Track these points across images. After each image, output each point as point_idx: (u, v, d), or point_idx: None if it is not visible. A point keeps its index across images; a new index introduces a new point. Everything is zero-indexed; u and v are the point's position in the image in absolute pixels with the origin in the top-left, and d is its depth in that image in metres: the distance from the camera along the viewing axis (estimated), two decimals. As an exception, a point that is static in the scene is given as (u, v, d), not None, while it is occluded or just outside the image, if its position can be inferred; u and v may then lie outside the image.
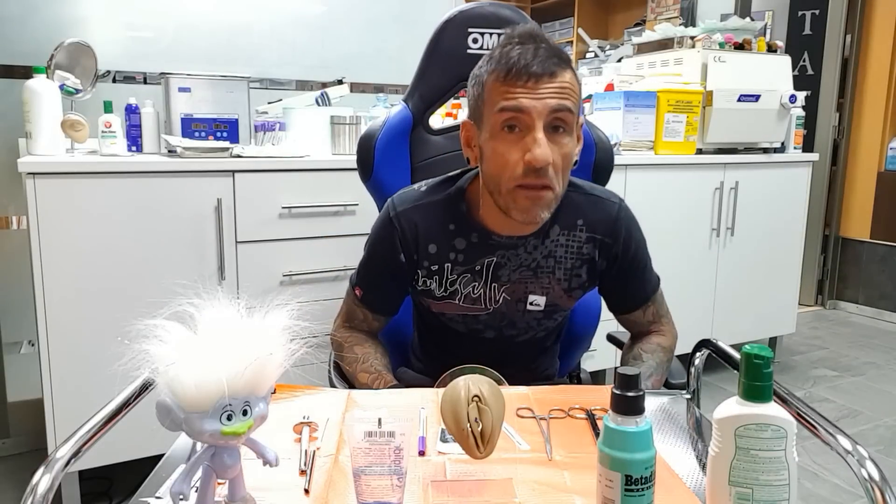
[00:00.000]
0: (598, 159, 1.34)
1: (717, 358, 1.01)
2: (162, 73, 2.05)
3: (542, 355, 1.25)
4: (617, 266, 1.15)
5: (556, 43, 1.01)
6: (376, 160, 1.34)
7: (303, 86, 2.62)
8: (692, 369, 1.06)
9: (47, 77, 1.84)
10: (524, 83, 0.95)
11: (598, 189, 1.15)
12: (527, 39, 0.98)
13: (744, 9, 3.95)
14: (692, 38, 2.79)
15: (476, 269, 1.10)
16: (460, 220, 1.10)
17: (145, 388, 0.79)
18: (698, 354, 1.05)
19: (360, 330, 1.20)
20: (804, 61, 4.07)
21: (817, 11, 4.01)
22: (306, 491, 0.73)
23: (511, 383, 1.05)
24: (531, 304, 1.13)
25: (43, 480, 0.65)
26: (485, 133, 1.01)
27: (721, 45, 2.74)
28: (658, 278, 1.22)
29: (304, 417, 0.89)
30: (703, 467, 0.81)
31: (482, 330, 1.16)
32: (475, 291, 1.11)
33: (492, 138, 0.99)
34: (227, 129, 2.06)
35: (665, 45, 2.87)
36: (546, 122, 0.96)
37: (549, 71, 0.95)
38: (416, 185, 1.16)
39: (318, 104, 2.33)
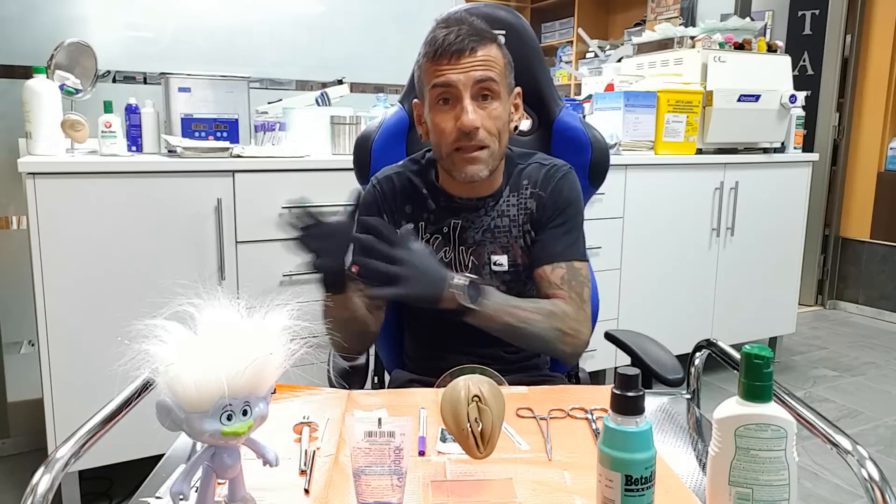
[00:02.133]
0: (593, 159, 1.33)
1: (717, 358, 1.01)
2: (162, 73, 2.05)
3: None
4: (545, 214, 1.18)
5: (480, 23, 1.13)
6: (373, 161, 1.35)
7: (303, 86, 2.62)
8: (692, 369, 1.06)
9: (47, 77, 1.84)
10: (448, 60, 1.08)
11: (550, 159, 1.24)
12: (452, 23, 1.11)
13: (744, 9, 3.95)
14: (692, 38, 2.79)
15: (444, 230, 1.20)
16: (430, 186, 1.22)
17: (145, 388, 0.79)
18: (698, 354, 1.05)
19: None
20: (804, 61, 4.07)
21: (817, 11, 4.01)
22: (306, 491, 0.73)
23: (501, 370, 1.06)
24: (495, 264, 1.20)
25: (43, 480, 0.65)
26: (426, 109, 1.15)
27: (721, 45, 2.74)
28: (583, 256, 1.20)
29: (304, 417, 0.89)
30: (703, 467, 0.81)
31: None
32: (447, 256, 1.20)
33: (431, 112, 1.13)
34: (227, 129, 2.06)
35: (665, 45, 2.87)
36: (473, 92, 1.09)
37: (469, 47, 1.08)
38: (394, 164, 1.28)
39: (318, 104, 2.33)
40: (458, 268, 1.19)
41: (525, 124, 1.38)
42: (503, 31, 1.30)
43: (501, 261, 1.20)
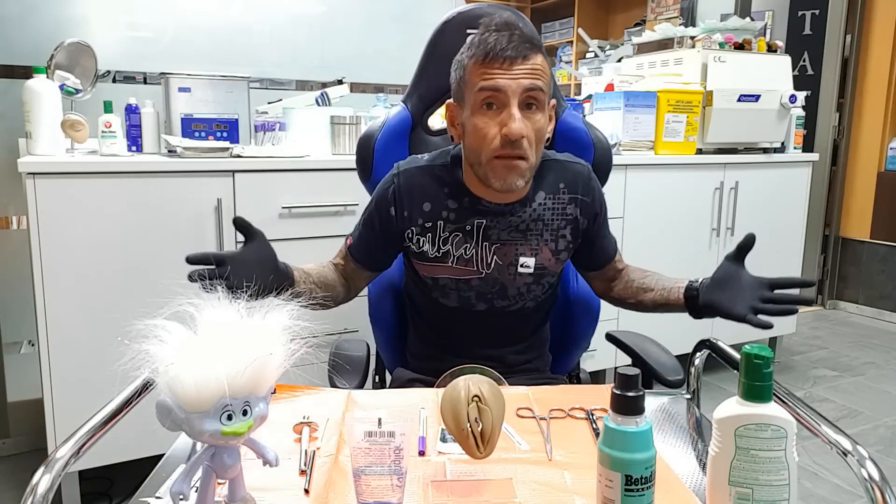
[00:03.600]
0: (596, 160, 1.34)
1: (717, 358, 1.01)
2: (162, 73, 2.05)
3: (532, 336, 1.27)
4: (596, 224, 1.24)
5: (528, 30, 1.12)
6: (375, 160, 1.35)
7: (303, 86, 2.62)
8: (692, 369, 1.06)
9: (47, 77, 1.83)
10: (500, 65, 1.06)
11: (566, 156, 1.26)
12: (502, 27, 1.09)
13: (744, 9, 3.95)
14: (692, 38, 2.78)
15: (467, 228, 1.18)
16: (455, 185, 1.19)
17: (145, 388, 0.79)
18: (698, 354, 1.05)
19: (334, 263, 1.28)
20: (804, 61, 4.07)
21: (817, 11, 4.01)
22: (306, 491, 0.73)
23: (503, 372, 1.06)
24: (522, 265, 1.19)
25: (43, 480, 0.65)
26: (466, 111, 1.11)
27: (721, 45, 2.74)
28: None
29: (304, 417, 0.89)
30: (703, 467, 0.81)
31: (473, 302, 1.20)
32: (468, 252, 1.18)
33: (472, 115, 1.10)
34: (227, 129, 2.06)
35: (665, 45, 2.87)
36: (520, 99, 1.07)
37: (521, 54, 1.06)
38: (422, 155, 1.25)
39: (318, 104, 2.33)
40: (480, 266, 1.18)
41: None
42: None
43: (529, 262, 1.19)
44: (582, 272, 1.32)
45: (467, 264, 1.18)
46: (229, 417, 0.61)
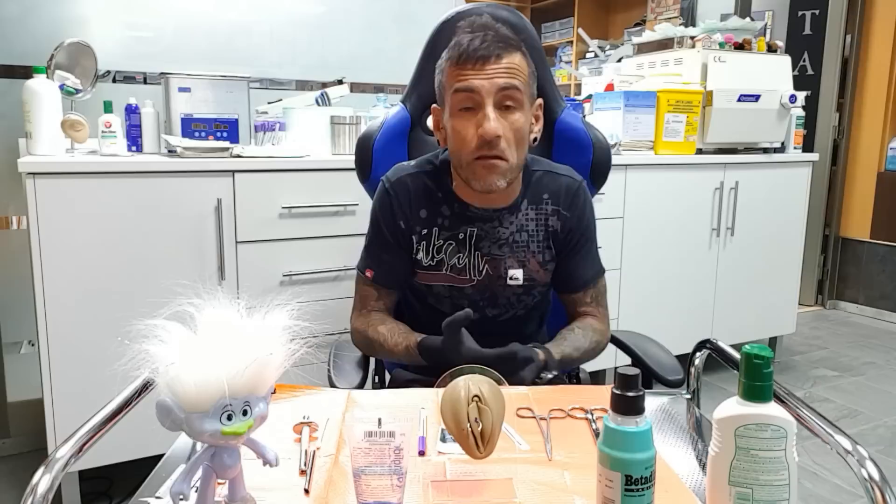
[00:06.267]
0: (595, 160, 1.34)
1: (717, 358, 1.01)
2: (162, 73, 2.05)
3: (528, 342, 1.26)
4: (572, 239, 1.21)
5: (506, 31, 1.11)
6: (375, 161, 1.35)
7: (303, 86, 2.62)
8: (692, 369, 1.06)
9: (47, 77, 1.83)
10: (473, 65, 1.06)
11: (562, 168, 1.24)
12: (478, 29, 1.09)
13: (744, 9, 3.95)
14: (692, 38, 2.79)
15: (460, 237, 1.19)
16: (445, 191, 1.20)
17: (145, 388, 0.79)
18: (698, 354, 1.05)
19: (377, 311, 1.25)
20: (804, 61, 4.07)
21: (817, 11, 4.01)
22: (306, 491, 0.73)
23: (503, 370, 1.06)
24: (511, 278, 1.20)
25: (43, 480, 0.65)
26: (446, 114, 1.12)
27: (721, 45, 2.74)
28: (603, 269, 1.27)
29: (304, 417, 0.89)
30: (703, 467, 0.81)
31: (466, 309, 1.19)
32: (461, 262, 1.19)
33: (451, 117, 1.11)
34: (227, 129, 2.06)
35: (665, 45, 2.87)
36: (496, 99, 1.06)
37: (494, 54, 1.06)
38: (406, 162, 1.25)
39: (318, 104, 2.33)
40: (472, 274, 1.18)
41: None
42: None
43: (517, 275, 1.19)
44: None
45: (460, 273, 1.19)
46: (229, 417, 0.61)
